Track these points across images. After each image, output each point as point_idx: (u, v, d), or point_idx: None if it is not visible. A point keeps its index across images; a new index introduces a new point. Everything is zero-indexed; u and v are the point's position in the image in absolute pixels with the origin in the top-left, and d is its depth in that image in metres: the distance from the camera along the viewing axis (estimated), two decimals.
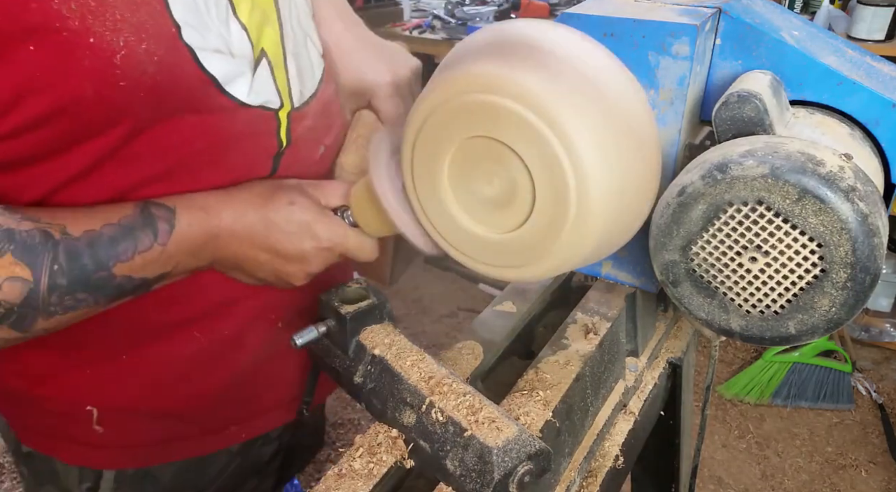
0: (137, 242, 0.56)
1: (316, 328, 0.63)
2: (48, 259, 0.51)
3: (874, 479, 1.92)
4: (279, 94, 0.63)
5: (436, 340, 2.44)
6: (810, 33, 0.62)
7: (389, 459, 0.55)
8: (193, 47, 0.54)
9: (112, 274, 0.55)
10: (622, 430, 0.70)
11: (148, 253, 0.56)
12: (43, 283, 0.51)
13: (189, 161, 0.60)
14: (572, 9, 0.59)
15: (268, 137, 0.64)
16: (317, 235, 0.63)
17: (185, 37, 0.53)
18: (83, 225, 0.54)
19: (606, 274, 0.73)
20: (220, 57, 0.57)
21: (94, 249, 0.53)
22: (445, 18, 2.39)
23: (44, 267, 0.51)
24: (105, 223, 0.55)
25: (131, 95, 0.51)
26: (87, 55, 0.47)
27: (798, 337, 0.52)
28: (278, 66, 0.63)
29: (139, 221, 0.56)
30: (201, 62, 0.55)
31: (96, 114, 0.51)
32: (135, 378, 0.69)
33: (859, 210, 0.46)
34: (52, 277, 0.51)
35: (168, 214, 0.58)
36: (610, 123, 0.52)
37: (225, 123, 0.60)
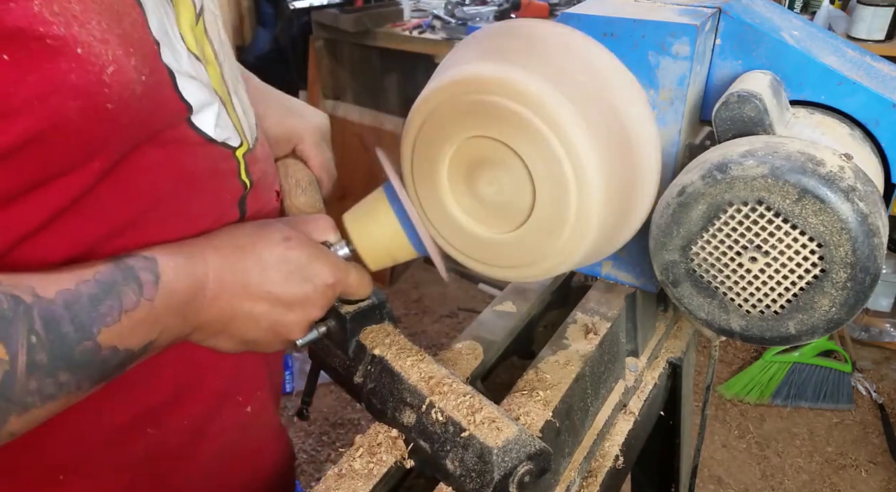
0: (122, 298, 0.45)
1: (316, 328, 0.62)
2: (22, 328, 0.39)
3: (874, 479, 1.92)
4: (237, 130, 0.58)
5: (436, 341, 2.44)
6: (810, 33, 0.62)
7: (389, 459, 0.55)
8: (171, 68, 0.48)
9: (98, 344, 0.44)
10: (622, 430, 0.70)
11: (135, 312, 0.46)
12: (20, 361, 0.39)
13: (156, 205, 0.51)
14: (572, 9, 0.59)
15: (231, 177, 0.58)
16: (318, 273, 0.56)
17: (163, 56, 0.47)
18: (54, 285, 0.42)
19: (606, 274, 0.73)
20: (193, 83, 0.51)
21: (73, 312, 0.42)
22: (445, 18, 2.39)
23: (20, 340, 0.39)
24: (79, 281, 0.44)
25: (116, 121, 0.43)
26: (74, 68, 0.39)
27: (798, 337, 0.52)
28: (227, 104, 0.57)
29: (118, 275, 0.46)
30: (178, 87, 0.49)
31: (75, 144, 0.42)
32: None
33: (859, 210, 0.46)
34: (31, 352, 0.40)
35: (149, 264, 0.48)
36: (610, 123, 0.52)
37: (191, 160, 0.53)
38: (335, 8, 2.41)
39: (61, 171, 0.43)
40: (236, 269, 0.52)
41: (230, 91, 0.59)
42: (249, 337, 0.56)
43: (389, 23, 2.45)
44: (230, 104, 0.58)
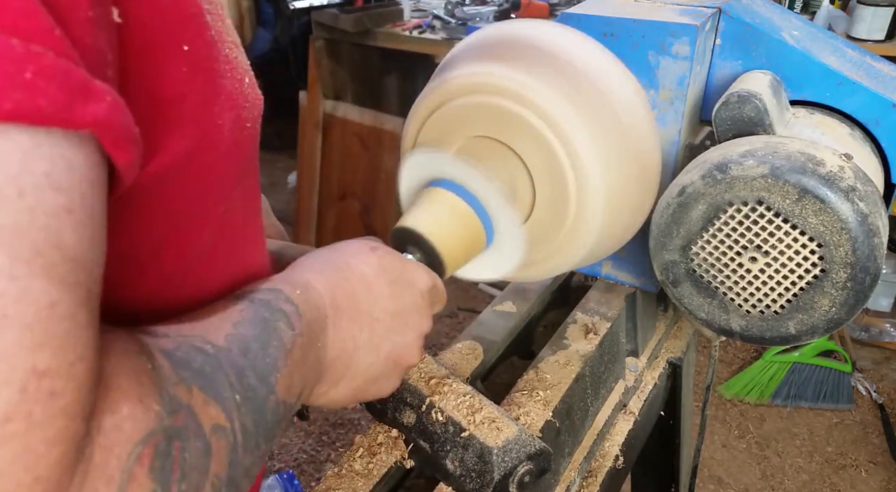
0: (282, 335, 0.36)
1: None
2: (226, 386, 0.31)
3: (874, 479, 1.91)
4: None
5: (436, 341, 2.44)
6: (810, 33, 0.62)
7: (389, 459, 0.55)
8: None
9: (278, 399, 0.35)
10: (622, 430, 0.70)
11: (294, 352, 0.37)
12: (237, 427, 0.31)
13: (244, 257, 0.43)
14: (572, 9, 0.59)
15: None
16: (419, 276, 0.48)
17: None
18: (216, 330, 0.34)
19: (606, 274, 0.73)
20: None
21: (250, 360, 0.34)
22: (445, 18, 2.39)
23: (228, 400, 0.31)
24: (234, 322, 0.35)
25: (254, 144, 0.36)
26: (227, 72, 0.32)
27: (798, 337, 0.52)
28: None
29: (262, 309, 0.37)
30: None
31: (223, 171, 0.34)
32: None
33: (859, 210, 0.46)
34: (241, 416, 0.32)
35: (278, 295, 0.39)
36: (610, 123, 0.52)
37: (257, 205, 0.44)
38: (335, 8, 2.41)
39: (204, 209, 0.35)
40: (345, 291, 0.44)
41: None
42: (372, 373, 0.46)
43: (389, 23, 2.45)
44: None
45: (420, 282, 0.48)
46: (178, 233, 0.34)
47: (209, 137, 0.32)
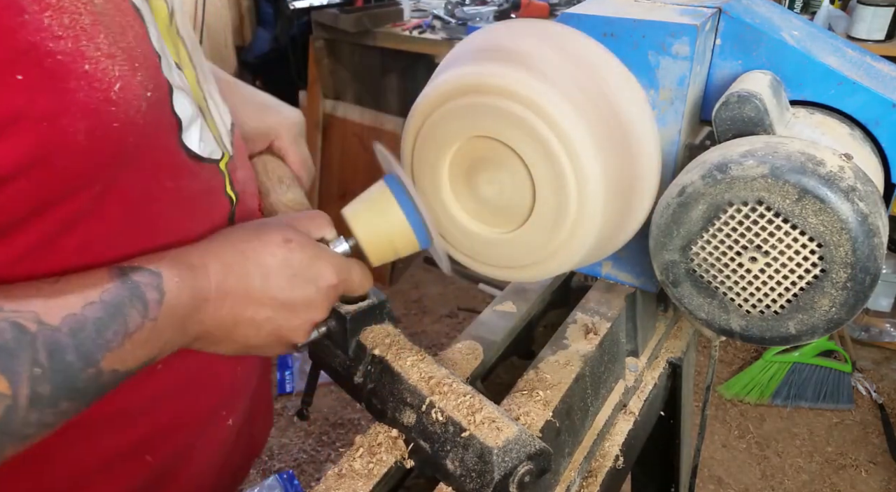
0: (127, 322, 0.43)
1: (316, 329, 0.62)
2: (27, 361, 0.38)
3: (874, 479, 1.92)
4: (217, 141, 0.56)
5: (436, 340, 2.44)
6: (810, 33, 0.62)
7: (389, 459, 0.55)
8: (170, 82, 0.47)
9: (100, 370, 0.42)
10: (622, 430, 0.70)
11: (138, 334, 0.44)
12: (22, 396, 0.38)
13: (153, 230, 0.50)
14: (572, 9, 0.59)
15: (219, 194, 0.56)
16: (321, 274, 0.54)
17: (164, 69, 0.46)
18: (59, 308, 0.41)
19: (606, 274, 0.73)
20: (182, 95, 0.49)
21: (78, 341, 0.41)
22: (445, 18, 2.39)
23: (23, 374, 0.38)
24: (85, 303, 0.42)
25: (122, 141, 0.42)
26: (83, 86, 0.38)
27: (798, 337, 0.52)
28: (206, 111, 0.55)
29: (124, 294, 0.44)
30: (173, 101, 0.47)
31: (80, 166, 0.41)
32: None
33: (859, 210, 0.46)
34: (34, 385, 0.38)
35: (154, 279, 0.46)
36: (610, 123, 0.52)
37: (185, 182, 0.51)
38: (335, 8, 2.41)
39: (63, 194, 0.42)
40: (239, 275, 0.50)
41: (205, 95, 0.56)
42: (252, 343, 0.54)
43: (389, 23, 2.45)
44: (207, 111, 0.56)
45: (323, 280, 0.54)
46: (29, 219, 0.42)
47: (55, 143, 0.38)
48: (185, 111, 0.49)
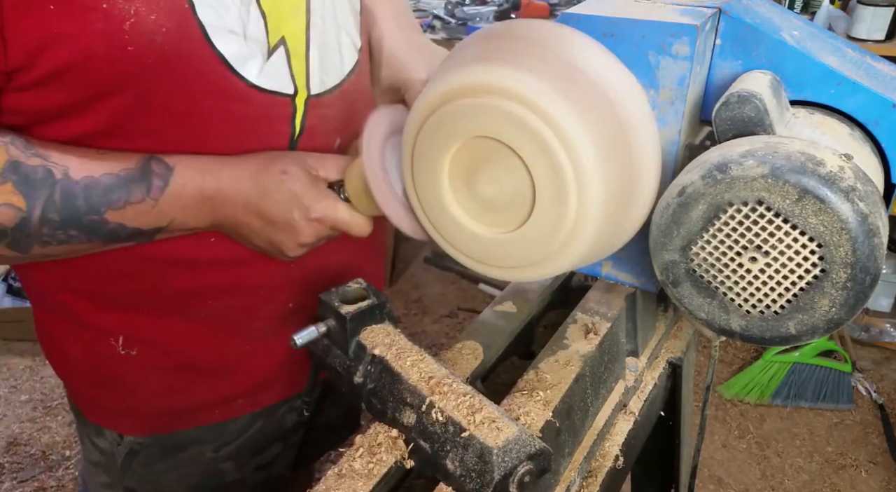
0: (130, 194, 0.59)
1: (316, 328, 0.62)
2: (44, 194, 0.56)
3: (874, 479, 1.92)
4: (294, 81, 0.66)
5: (436, 340, 2.44)
6: (810, 33, 0.62)
7: (389, 459, 0.55)
8: (206, 24, 0.57)
9: (104, 219, 0.59)
10: (622, 430, 0.70)
11: (139, 205, 0.60)
12: (35, 214, 0.56)
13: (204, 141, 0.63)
14: (572, 9, 0.59)
15: (281, 122, 0.67)
16: (305, 206, 0.64)
17: (200, 13, 0.57)
18: (85, 170, 0.58)
19: (606, 274, 0.73)
20: (233, 37, 0.59)
21: (88, 194, 0.58)
22: (445, 18, 2.39)
23: (38, 200, 0.56)
24: (105, 172, 0.59)
25: (139, 61, 0.55)
26: (100, 18, 0.52)
27: (798, 337, 0.52)
28: (297, 55, 0.66)
29: (136, 175, 0.59)
30: (212, 40, 0.58)
31: (106, 73, 0.55)
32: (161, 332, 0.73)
33: (859, 210, 0.46)
34: (45, 211, 0.57)
35: (165, 172, 0.60)
36: (610, 123, 0.52)
37: (237, 104, 0.63)
38: None
39: (100, 92, 0.56)
40: (240, 188, 0.63)
41: (310, 41, 0.67)
42: (254, 243, 0.67)
43: None
44: (300, 56, 0.66)
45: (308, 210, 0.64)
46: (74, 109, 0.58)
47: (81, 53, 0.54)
48: (231, 49, 0.60)
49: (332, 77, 0.70)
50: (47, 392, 2.21)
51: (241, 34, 0.60)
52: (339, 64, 0.71)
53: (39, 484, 1.90)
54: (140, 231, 0.62)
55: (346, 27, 0.72)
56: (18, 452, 2.00)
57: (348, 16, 0.72)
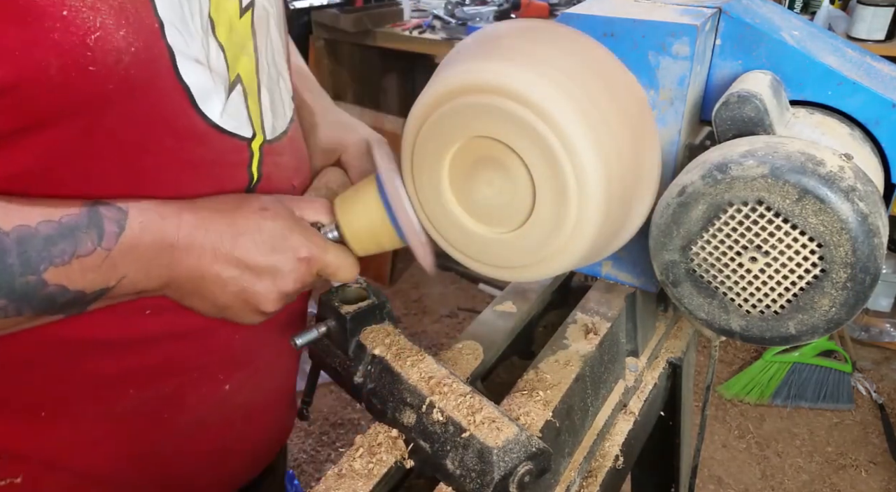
0: (78, 243, 0.48)
1: (316, 328, 0.62)
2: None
3: (874, 479, 1.92)
4: (251, 123, 0.59)
5: (436, 340, 2.44)
6: (810, 33, 0.62)
7: (389, 459, 0.55)
8: (174, 49, 0.50)
9: (43, 280, 0.48)
10: (622, 430, 0.70)
11: (88, 258, 0.49)
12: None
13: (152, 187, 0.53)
14: (572, 9, 0.59)
15: (238, 168, 0.60)
16: (292, 245, 0.56)
17: (168, 36, 0.49)
18: (17, 219, 0.47)
19: (606, 274, 0.73)
20: (198, 68, 0.52)
21: (23, 248, 0.46)
22: (445, 18, 2.39)
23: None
24: (43, 220, 0.47)
25: (97, 85, 0.46)
26: (58, 27, 0.42)
27: (798, 337, 0.52)
28: (252, 95, 0.59)
29: (83, 221, 0.49)
30: (178, 68, 0.51)
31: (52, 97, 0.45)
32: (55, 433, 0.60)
33: (859, 210, 0.46)
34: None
35: (119, 215, 0.50)
36: (610, 123, 0.52)
37: (195, 146, 0.55)
38: (335, 8, 2.41)
39: (39, 122, 0.46)
40: (209, 230, 0.54)
41: (260, 84, 0.60)
42: (220, 301, 0.56)
43: (389, 23, 2.45)
44: (255, 96, 0.60)
45: (293, 250, 0.57)
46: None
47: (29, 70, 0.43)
48: (195, 81, 0.52)
49: (280, 122, 0.65)
50: None
51: (206, 65, 0.53)
52: (283, 109, 0.65)
53: None
54: (82, 296, 0.50)
55: (282, 73, 0.66)
56: None
57: (283, 61, 0.67)
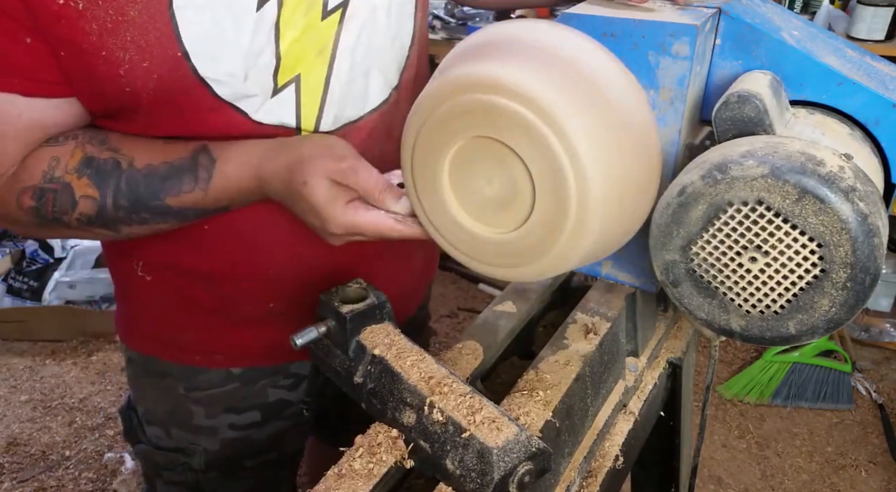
0: (182, 183, 0.65)
1: (316, 328, 0.62)
2: (113, 184, 0.64)
3: (874, 479, 1.92)
4: (298, 117, 0.69)
5: (436, 341, 2.44)
6: (810, 33, 0.62)
7: (389, 459, 0.55)
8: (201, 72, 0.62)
9: (166, 204, 0.66)
10: (622, 430, 0.70)
11: (191, 194, 0.66)
12: (108, 202, 0.65)
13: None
14: (572, 9, 0.59)
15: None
16: (323, 218, 0.63)
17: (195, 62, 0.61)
18: (149, 158, 0.65)
19: (606, 274, 0.73)
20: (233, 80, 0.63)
21: (148, 182, 0.65)
22: (445, 18, 2.39)
23: (109, 189, 0.65)
24: (163, 161, 0.65)
25: (137, 96, 0.62)
26: (101, 64, 0.59)
27: (798, 337, 0.52)
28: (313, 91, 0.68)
29: (186, 165, 0.65)
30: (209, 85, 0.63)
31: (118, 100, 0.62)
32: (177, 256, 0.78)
33: (859, 210, 0.46)
34: (116, 198, 0.65)
35: (209, 164, 0.65)
36: (610, 123, 0.52)
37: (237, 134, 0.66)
38: None
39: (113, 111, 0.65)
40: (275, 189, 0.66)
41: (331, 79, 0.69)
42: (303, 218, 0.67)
43: None
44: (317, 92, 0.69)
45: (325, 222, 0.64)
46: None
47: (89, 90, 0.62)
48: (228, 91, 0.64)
49: (348, 113, 0.72)
50: (47, 392, 2.21)
51: (243, 77, 0.63)
52: (361, 102, 0.73)
53: (39, 484, 1.90)
54: (206, 211, 0.68)
55: (380, 66, 0.73)
56: (18, 452, 2.00)
57: (387, 53, 0.73)
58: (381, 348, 0.60)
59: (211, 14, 0.59)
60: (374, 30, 0.71)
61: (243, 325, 0.83)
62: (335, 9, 0.66)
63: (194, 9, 0.59)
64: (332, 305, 0.63)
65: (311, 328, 0.63)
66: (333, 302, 0.63)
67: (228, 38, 0.61)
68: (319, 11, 0.66)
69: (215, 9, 0.60)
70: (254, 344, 0.84)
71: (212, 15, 0.60)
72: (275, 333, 0.80)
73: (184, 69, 0.61)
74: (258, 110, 0.66)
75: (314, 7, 0.65)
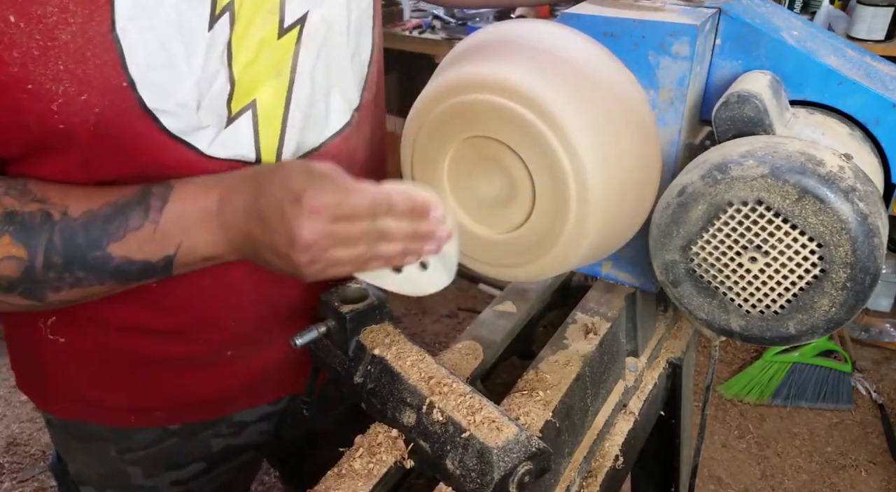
0: (129, 220, 0.56)
1: (316, 328, 0.62)
2: (44, 239, 0.54)
3: (874, 479, 1.91)
4: (257, 147, 0.61)
5: (436, 340, 2.44)
6: (810, 33, 0.62)
7: (389, 459, 0.55)
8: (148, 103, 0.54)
9: (107, 254, 0.56)
10: (622, 430, 0.70)
11: (139, 232, 0.56)
12: (38, 261, 0.54)
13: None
14: (572, 9, 0.59)
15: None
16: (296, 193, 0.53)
17: (142, 93, 0.54)
18: (85, 205, 0.56)
19: (606, 274, 0.73)
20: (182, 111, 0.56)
21: (88, 229, 0.55)
22: (445, 18, 2.39)
23: (39, 246, 0.54)
24: (105, 202, 0.56)
25: (73, 134, 0.53)
26: (26, 98, 0.50)
27: (798, 337, 0.52)
28: (271, 117, 0.61)
29: (135, 199, 0.56)
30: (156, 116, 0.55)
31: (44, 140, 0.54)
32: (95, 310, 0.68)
33: (859, 210, 0.46)
34: (47, 256, 0.54)
35: (164, 191, 0.57)
36: (609, 122, 0.52)
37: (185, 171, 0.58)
38: None
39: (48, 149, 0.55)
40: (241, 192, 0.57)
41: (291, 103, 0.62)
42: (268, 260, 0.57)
43: (389, 23, 2.45)
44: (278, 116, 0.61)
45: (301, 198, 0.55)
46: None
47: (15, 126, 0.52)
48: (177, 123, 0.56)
49: (312, 139, 0.65)
50: None
51: (195, 107, 0.57)
52: (321, 127, 0.66)
53: (39, 484, 1.90)
54: (149, 264, 0.57)
55: (340, 85, 0.66)
56: (18, 452, 2.00)
57: (347, 72, 0.66)
58: (380, 348, 0.60)
59: (158, 36, 0.52)
60: (334, 47, 0.63)
61: (189, 372, 0.74)
62: (292, 26, 0.59)
63: (139, 31, 0.51)
64: (331, 305, 0.63)
65: (311, 328, 0.63)
66: (333, 302, 0.63)
67: (179, 63, 0.54)
68: (276, 29, 0.58)
69: (163, 30, 0.52)
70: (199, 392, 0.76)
71: (159, 37, 0.52)
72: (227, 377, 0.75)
73: (129, 101, 0.53)
74: (212, 144, 0.59)
75: (268, 23, 0.58)
